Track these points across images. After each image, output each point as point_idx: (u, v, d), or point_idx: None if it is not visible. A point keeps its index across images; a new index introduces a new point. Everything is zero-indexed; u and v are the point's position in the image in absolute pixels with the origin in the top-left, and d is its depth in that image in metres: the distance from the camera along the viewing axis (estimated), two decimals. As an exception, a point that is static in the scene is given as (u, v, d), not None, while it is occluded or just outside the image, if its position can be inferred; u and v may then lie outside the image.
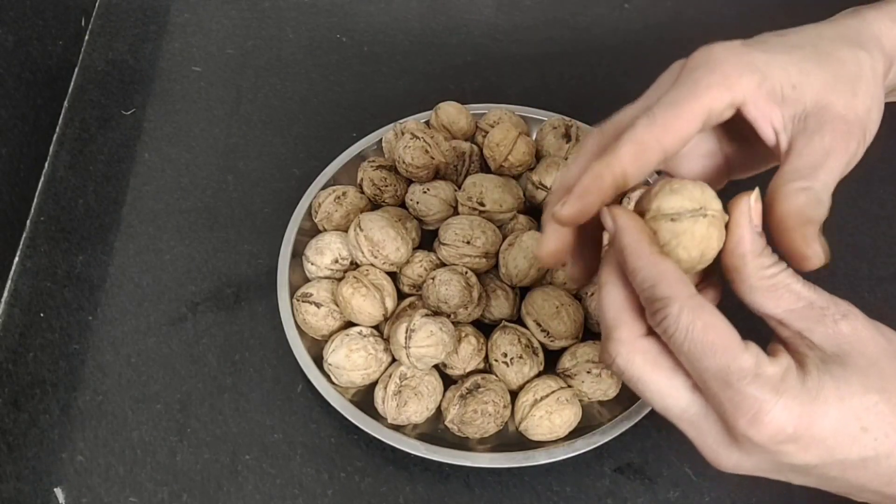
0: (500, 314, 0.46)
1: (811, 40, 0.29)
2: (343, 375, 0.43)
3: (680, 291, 0.25)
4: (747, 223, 0.26)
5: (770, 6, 0.66)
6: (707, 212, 0.26)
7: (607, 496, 0.42)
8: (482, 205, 0.47)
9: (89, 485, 0.42)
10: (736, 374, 0.24)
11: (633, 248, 0.26)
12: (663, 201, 0.27)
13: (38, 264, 0.51)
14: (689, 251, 0.26)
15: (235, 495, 0.42)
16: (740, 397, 0.24)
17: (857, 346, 0.25)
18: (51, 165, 0.56)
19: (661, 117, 0.27)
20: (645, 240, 0.26)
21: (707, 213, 0.26)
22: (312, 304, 0.45)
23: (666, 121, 0.27)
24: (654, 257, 0.26)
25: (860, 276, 0.51)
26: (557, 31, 0.66)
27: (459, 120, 0.53)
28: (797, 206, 0.26)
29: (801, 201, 0.26)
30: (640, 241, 0.26)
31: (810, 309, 0.26)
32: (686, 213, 0.26)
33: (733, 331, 0.25)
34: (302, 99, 0.61)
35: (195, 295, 0.50)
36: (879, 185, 0.55)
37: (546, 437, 0.41)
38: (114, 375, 0.46)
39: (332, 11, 0.67)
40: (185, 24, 0.66)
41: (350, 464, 0.43)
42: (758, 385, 0.24)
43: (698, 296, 0.25)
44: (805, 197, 0.26)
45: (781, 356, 0.26)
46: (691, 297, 0.25)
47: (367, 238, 0.45)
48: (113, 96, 0.61)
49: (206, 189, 0.55)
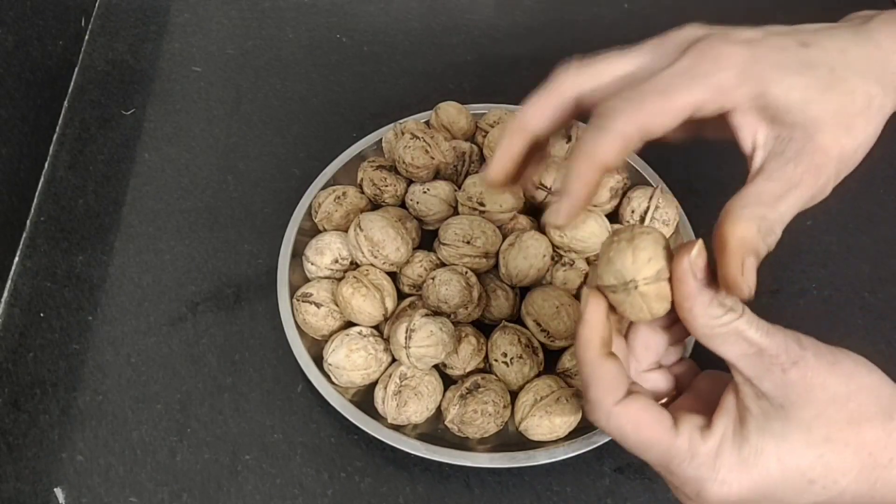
0: (500, 314, 0.46)
1: (831, 61, 0.27)
2: (343, 375, 0.43)
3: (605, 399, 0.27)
4: (690, 279, 0.25)
5: (770, 6, 0.66)
6: (637, 284, 0.26)
7: (607, 496, 0.42)
8: (482, 205, 0.47)
9: (89, 485, 0.42)
10: (674, 461, 0.26)
11: (582, 345, 0.27)
12: (602, 273, 0.27)
13: (38, 264, 0.51)
14: (636, 314, 0.27)
15: (235, 495, 0.42)
16: (681, 480, 0.26)
17: (804, 396, 0.25)
18: (51, 165, 0.56)
19: (649, 104, 0.27)
20: (595, 340, 0.27)
21: (638, 285, 0.26)
22: (312, 304, 0.45)
23: (654, 109, 0.27)
24: (596, 359, 0.27)
25: (861, 277, 0.51)
26: (557, 31, 0.66)
27: (459, 120, 0.53)
28: (748, 234, 0.26)
29: (753, 231, 0.26)
30: (589, 340, 0.27)
31: (759, 357, 0.25)
32: (619, 287, 0.27)
33: (664, 419, 0.27)
34: (302, 99, 0.61)
35: (195, 295, 0.50)
36: (880, 184, 0.55)
37: (546, 437, 0.41)
38: (114, 375, 0.46)
39: (332, 11, 0.67)
40: (185, 24, 0.66)
41: (350, 464, 0.43)
42: (695, 466, 0.26)
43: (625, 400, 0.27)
44: (757, 227, 0.26)
45: (718, 424, 0.26)
46: (616, 405, 0.27)
47: (367, 238, 0.45)
48: (113, 96, 0.61)
49: (206, 189, 0.55)
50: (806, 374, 0.25)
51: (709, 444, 0.26)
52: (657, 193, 0.49)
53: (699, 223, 0.51)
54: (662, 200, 0.49)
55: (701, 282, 0.25)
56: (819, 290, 0.50)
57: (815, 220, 0.54)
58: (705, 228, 0.52)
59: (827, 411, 0.25)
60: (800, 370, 0.25)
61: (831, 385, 0.25)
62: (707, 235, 0.53)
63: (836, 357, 0.26)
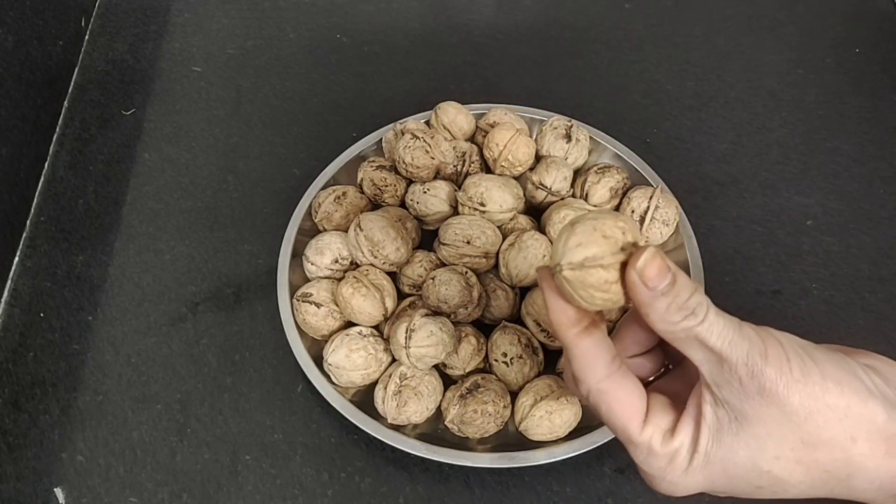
0: (500, 314, 0.46)
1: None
2: (343, 375, 0.43)
3: (586, 377, 0.27)
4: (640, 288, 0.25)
5: (770, 6, 0.66)
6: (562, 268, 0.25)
7: (607, 496, 0.42)
8: (482, 205, 0.47)
9: (89, 485, 0.42)
10: (633, 451, 0.28)
11: (554, 327, 0.27)
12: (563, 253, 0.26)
13: (38, 264, 0.51)
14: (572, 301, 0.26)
15: (235, 495, 0.42)
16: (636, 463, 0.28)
17: (758, 412, 0.25)
18: (51, 165, 0.56)
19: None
20: (563, 321, 0.27)
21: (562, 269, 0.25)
22: (312, 304, 0.45)
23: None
24: (572, 339, 0.27)
25: (861, 277, 0.51)
26: (557, 31, 0.66)
27: (459, 120, 0.53)
28: None
29: None
30: (558, 322, 0.27)
31: (720, 365, 0.25)
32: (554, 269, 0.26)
33: (635, 412, 0.27)
34: (302, 99, 0.61)
35: (195, 295, 0.50)
36: (880, 185, 0.55)
37: (546, 437, 0.41)
38: (114, 375, 0.46)
39: (332, 11, 0.67)
40: (185, 24, 0.66)
41: (350, 464, 0.43)
42: (649, 462, 0.28)
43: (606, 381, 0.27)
44: None
45: (680, 430, 0.27)
46: (598, 382, 0.27)
47: (367, 238, 0.45)
48: (113, 96, 0.61)
49: (206, 189, 0.55)
50: (763, 389, 0.24)
51: (668, 448, 0.27)
52: (657, 193, 0.49)
53: (699, 223, 0.51)
54: (662, 200, 0.49)
55: (654, 289, 0.24)
56: (820, 290, 0.50)
57: (816, 220, 0.54)
58: (705, 228, 0.52)
59: (780, 430, 0.25)
60: (757, 384, 0.24)
61: (791, 403, 0.24)
62: (707, 235, 0.53)
63: (807, 371, 0.25)
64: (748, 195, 0.55)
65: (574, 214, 0.46)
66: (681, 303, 0.25)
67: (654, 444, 0.27)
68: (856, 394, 0.25)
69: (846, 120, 0.59)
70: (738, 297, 0.49)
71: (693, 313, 0.25)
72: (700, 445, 0.26)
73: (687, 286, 0.25)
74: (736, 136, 0.58)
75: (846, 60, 0.63)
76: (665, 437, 0.27)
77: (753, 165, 0.57)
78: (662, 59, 0.64)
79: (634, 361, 0.31)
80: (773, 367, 0.24)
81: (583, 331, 0.27)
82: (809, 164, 0.56)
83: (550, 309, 0.27)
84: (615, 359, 0.27)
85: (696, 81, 0.62)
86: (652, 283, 0.24)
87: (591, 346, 0.27)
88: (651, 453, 0.27)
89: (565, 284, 0.25)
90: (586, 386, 0.27)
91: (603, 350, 0.27)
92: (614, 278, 0.25)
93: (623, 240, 0.25)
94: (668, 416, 0.28)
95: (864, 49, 0.64)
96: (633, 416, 0.27)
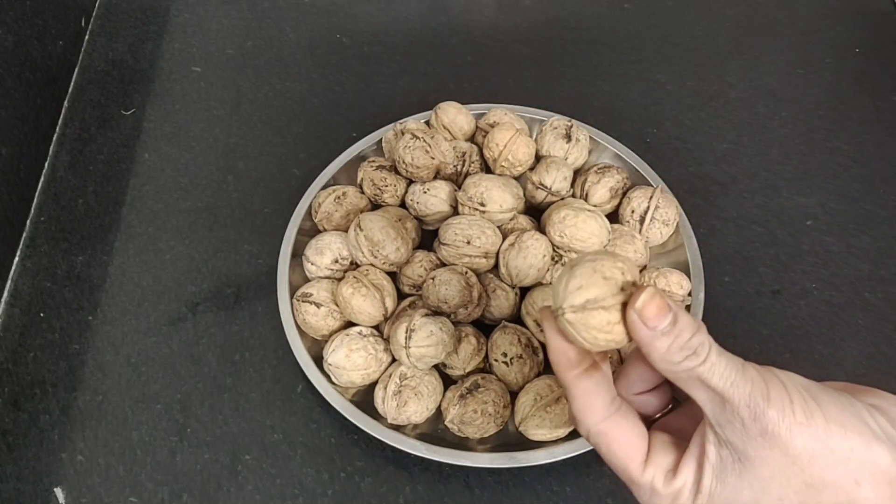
0: (500, 314, 0.46)
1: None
2: (343, 375, 0.43)
3: (586, 418, 0.27)
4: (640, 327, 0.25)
5: (770, 6, 0.66)
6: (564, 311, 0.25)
7: (607, 496, 0.42)
8: (482, 205, 0.47)
9: (89, 485, 0.42)
10: (636, 490, 0.28)
11: (554, 367, 0.28)
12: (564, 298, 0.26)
13: (38, 264, 0.51)
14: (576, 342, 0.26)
15: (235, 495, 0.42)
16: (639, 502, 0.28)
17: (761, 454, 0.25)
18: (51, 165, 0.56)
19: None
20: (562, 362, 0.27)
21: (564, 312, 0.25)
22: (312, 304, 0.45)
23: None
24: (571, 380, 0.27)
25: (861, 277, 0.51)
26: (557, 31, 0.66)
27: (459, 120, 0.53)
28: None
29: None
30: (557, 363, 0.27)
31: (722, 405, 0.25)
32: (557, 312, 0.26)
33: (636, 453, 0.27)
34: (302, 99, 0.61)
35: (195, 295, 0.50)
36: (880, 184, 0.55)
37: (546, 437, 0.41)
38: (114, 375, 0.46)
39: (332, 11, 0.67)
40: (185, 24, 0.66)
41: (350, 464, 0.43)
42: (653, 502, 0.27)
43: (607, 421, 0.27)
44: None
45: (682, 470, 0.27)
46: (597, 423, 0.27)
47: (367, 238, 0.45)
48: (113, 96, 0.61)
49: (206, 189, 0.55)
50: (766, 431, 0.24)
51: (670, 488, 0.27)
52: (657, 193, 0.49)
53: (699, 223, 0.51)
54: (662, 200, 0.49)
55: (654, 328, 0.24)
56: (820, 290, 0.50)
57: (816, 220, 0.54)
58: (705, 228, 0.52)
59: (784, 473, 0.25)
60: (759, 426, 0.24)
61: (794, 446, 0.24)
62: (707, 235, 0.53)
63: (811, 413, 0.24)
64: (748, 195, 0.55)
65: (574, 214, 0.46)
66: (682, 343, 0.25)
67: (657, 484, 0.27)
68: (860, 436, 0.25)
69: (846, 120, 0.59)
70: (738, 297, 0.49)
71: (695, 353, 0.24)
72: (703, 486, 0.26)
73: (689, 326, 0.25)
74: (736, 136, 0.58)
75: (846, 60, 0.63)
76: (667, 477, 0.27)
77: (753, 165, 0.57)
78: (662, 59, 0.64)
79: (641, 398, 0.30)
80: (775, 409, 0.24)
81: (582, 373, 0.27)
82: (809, 164, 0.56)
83: (551, 350, 0.27)
84: (615, 400, 0.28)
85: (696, 81, 0.62)
86: (652, 323, 0.24)
87: (590, 388, 0.27)
88: (654, 493, 0.27)
89: (568, 327, 0.26)
90: (585, 427, 0.28)
91: (602, 391, 0.27)
92: (616, 319, 0.25)
93: (623, 280, 0.25)
94: (669, 455, 0.28)
95: (864, 49, 0.64)
96: (633, 456, 0.27)
